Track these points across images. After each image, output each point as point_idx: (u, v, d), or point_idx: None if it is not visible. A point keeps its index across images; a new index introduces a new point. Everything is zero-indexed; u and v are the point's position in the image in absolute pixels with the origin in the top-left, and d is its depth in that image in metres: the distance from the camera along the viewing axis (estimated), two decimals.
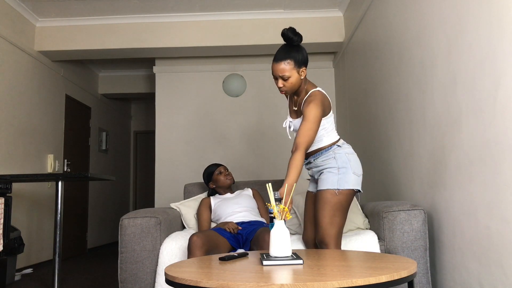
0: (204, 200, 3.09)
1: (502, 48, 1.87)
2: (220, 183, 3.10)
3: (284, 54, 2.28)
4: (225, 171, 3.14)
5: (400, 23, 3.11)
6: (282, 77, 2.26)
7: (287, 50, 2.32)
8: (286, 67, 2.25)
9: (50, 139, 5.33)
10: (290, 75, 2.26)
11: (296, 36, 2.34)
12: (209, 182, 3.16)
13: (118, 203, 7.89)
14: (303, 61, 2.29)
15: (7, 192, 3.07)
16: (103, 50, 5.03)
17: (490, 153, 1.98)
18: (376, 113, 3.77)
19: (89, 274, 4.46)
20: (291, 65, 2.25)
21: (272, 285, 1.29)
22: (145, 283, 2.53)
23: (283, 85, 2.29)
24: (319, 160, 2.38)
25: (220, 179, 3.11)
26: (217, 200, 3.07)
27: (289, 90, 2.31)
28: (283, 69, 2.25)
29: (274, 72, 2.29)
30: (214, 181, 3.12)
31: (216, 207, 3.01)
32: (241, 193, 3.13)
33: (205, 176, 3.17)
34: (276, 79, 2.31)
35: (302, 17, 4.96)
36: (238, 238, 2.69)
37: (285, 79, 2.27)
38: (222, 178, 3.10)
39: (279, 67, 2.26)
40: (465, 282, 2.24)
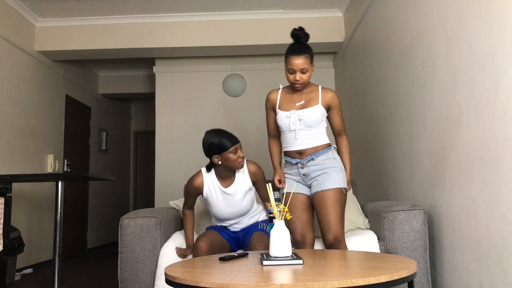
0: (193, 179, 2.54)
1: (502, 48, 1.87)
2: (230, 164, 2.46)
3: (303, 49, 2.38)
4: (240, 151, 2.48)
5: (400, 23, 3.11)
6: (302, 70, 2.36)
7: (304, 46, 2.42)
8: (306, 61, 2.35)
9: (50, 139, 5.33)
10: (308, 69, 2.37)
11: (306, 35, 2.47)
12: (216, 155, 2.45)
13: (118, 203, 7.89)
14: (313, 58, 2.44)
15: (7, 192, 3.07)
16: (103, 50, 5.03)
17: (490, 153, 1.98)
18: (376, 113, 3.77)
19: (89, 274, 4.46)
20: (308, 59, 2.37)
21: (272, 285, 1.29)
22: (145, 283, 2.53)
23: (301, 78, 2.37)
24: (319, 158, 2.41)
25: (231, 159, 2.45)
26: (211, 189, 2.54)
27: (304, 83, 2.41)
28: (303, 63, 2.35)
29: (293, 65, 2.36)
30: (223, 158, 2.45)
31: (209, 200, 2.56)
32: (238, 188, 2.55)
33: (214, 146, 2.44)
34: (293, 73, 2.38)
35: (302, 17, 4.95)
36: (236, 239, 2.63)
37: (304, 72, 2.37)
38: (234, 158, 2.45)
39: (300, 60, 2.35)
40: (465, 282, 2.24)
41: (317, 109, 2.42)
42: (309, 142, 2.42)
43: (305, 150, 2.42)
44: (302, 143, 2.42)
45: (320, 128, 2.45)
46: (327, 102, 2.45)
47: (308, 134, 2.42)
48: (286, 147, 2.51)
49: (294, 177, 2.51)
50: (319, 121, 2.43)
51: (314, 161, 2.41)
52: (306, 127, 2.41)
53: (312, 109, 2.41)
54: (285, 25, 4.98)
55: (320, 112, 2.43)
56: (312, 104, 2.43)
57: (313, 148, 2.42)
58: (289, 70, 2.39)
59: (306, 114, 2.40)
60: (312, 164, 2.42)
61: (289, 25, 4.97)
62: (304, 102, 2.44)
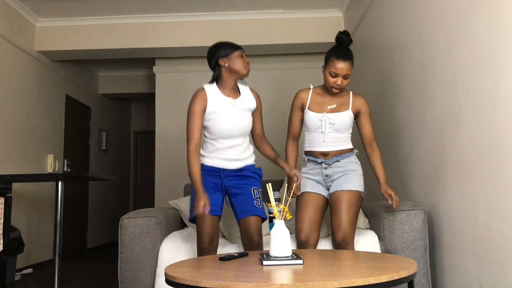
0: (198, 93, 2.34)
1: (502, 48, 1.87)
2: (237, 67, 2.33)
3: (349, 55, 2.40)
4: (245, 59, 2.39)
5: (400, 23, 3.11)
6: (345, 76, 2.38)
7: (349, 51, 2.42)
8: (350, 68, 2.38)
9: (50, 139, 5.33)
10: (350, 75, 2.41)
11: (349, 40, 2.49)
12: (223, 58, 2.33)
13: (118, 203, 7.88)
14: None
15: (7, 192, 3.07)
16: (103, 50, 5.03)
17: (490, 153, 1.98)
18: (376, 113, 3.77)
19: (89, 274, 4.46)
20: (351, 66, 2.39)
21: (272, 285, 1.29)
22: (145, 283, 2.53)
23: (342, 84, 2.39)
24: (343, 161, 2.46)
25: (239, 62, 2.33)
26: (215, 100, 2.35)
27: (342, 88, 2.44)
28: (348, 69, 2.37)
29: (338, 70, 2.36)
30: (230, 60, 2.33)
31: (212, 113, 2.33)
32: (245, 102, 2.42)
33: (222, 48, 2.35)
34: (335, 77, 2.38)
35: (302, 17, 4.96)
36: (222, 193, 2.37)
37: (346, 78, 2.39)
38: (242, 62, 2.34)
39: (347, 66, 2.36)
40: (465, 282, 2.24)
41: (347, 114, 2.46)
42: (336, 145, 2.45)
43: (331, 152, 2.45)
44: (330, 145, 2.45)
45: (347, 134, 2.50)
46: (357, 107, 2.48)
47: (336, 137, 2.46)
48: (311, 147, 2.51)
49: (314, 177, 2.50)
50: (348, 126, 2.48)
51: (339, 162, 2.45)
52: (335, 131, 2.45)
53: (343, 114, 2.45)
54: (285, 25, 4.99)
55: (349, 118, 2.47)
56: (343, 109, 2.46)
57: (339, 151, 2.46)
58: (331, 74, 2.38)
59: (337, 119, 2.43)
60: (337, 166, 2.45)
61: (289, 25, 5.01)
62: (335, 106, 2.46)
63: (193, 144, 2.28)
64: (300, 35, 4.95)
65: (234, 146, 2.37)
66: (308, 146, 2.53)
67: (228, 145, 2.35)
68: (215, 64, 2.38)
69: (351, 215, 2.34)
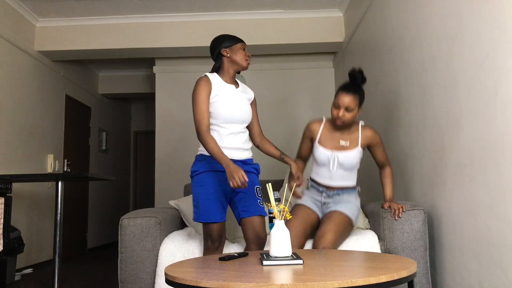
0: (201, 80, 2.34)
1: (502, 48, 1.87)
2: (238, 58, 2.37)
3: (354, 89, 2.44)
4: (247, 52, 2.44)
5: (400, 23, 3.11)
6: (347, 108, 2.41)
7: (357, 86, 2.48)
8: (353, 100, 2.40)
9: (50, 139, 5.33)
10: (353, 108, 2.42)
11: (362, 79, 2.52)
12: (225, 48, 2.38)
13: (118, 203, 7.88)
14: (363, 102, 2.49)
15: (7, 192, 3.07)
16: (103, 50, 5.03)
17: (490, 153, 1.98)
18: (376, 113, 3.77)
19: (89, 274, 4.46)
20: (356, 100, 2.42)
21: (272, 285, 1.29)
22: (145, 283, 2.53)
23: (343, 115, 2.42)
24: (344, 195, 2.55)
25: (241, 54, 2.38)
26: (218, 86, 2.36)
27: (346, 122, 2.45)
28: (350, 101, 2.40)
29: (340, 101, 2.42)
30: (232, 51, 2.38)
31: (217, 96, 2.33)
32: (244, 92, 2.46)
33: (225, 38, 2.41)
34: (337, 108, 2.43)
35: (302, 17, 4.96)
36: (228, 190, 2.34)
37: (349, 111, 2.42)
38: (243, 54, 2.39)
39: (347, 98, 2.40)
40: (465, 282, 2.24)
41: (356, 152, 2.51)
42: (341, 181, 2.54)
43: (335, 186, 2.55)
44: (335, 181, 2.53)
45: (354, 171, 2.57)
46: (367, 141, 2.54)
47: (343, 174, 2.54)
48: (316, 177, 2.59)
49: (313, 197, 2.60)
50: (356, 164, 2.54)
51: (339, 196, 2.54)
52: (342, 169, 2.52)
53: (352, 152, 2.50)
54: (285, 25, 4.99)
55: (358, 154, 2.52)
56: (352, 147, 2.51)
57: (342, 187, 2.55)
58: (335, 105, 2.45)
59: (346, 158, 2.49)
60: (336, 197, 2.55)
61: (289, 25, 5.01)
62: (344, 144, 2.51)
63: (204, 125, 2.27)
64: (300, 35, 4.95)
65: (238, 133, 2.36)
66: (314, 175, 2.62)
67: (232, 131, 2.34)
68: (218, 54, 2.41)
69: (336, 232, 2.36)
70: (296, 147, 2.74)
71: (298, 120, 5.59)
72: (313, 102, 5.61)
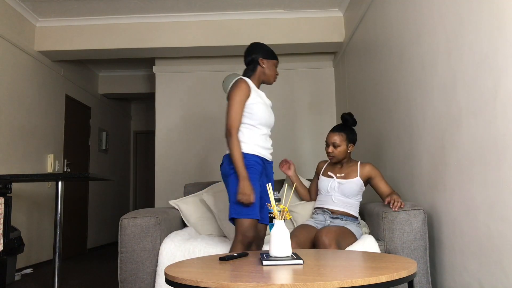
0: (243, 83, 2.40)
1: (502, 48, 1.87)
2: (270, 73, 2.52)
3: (340, 128, 2.78)
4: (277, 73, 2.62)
5: (400, 23, 3.11)
6: (333, 144, 2.75)
7: (344, 127, 2.80)
8: (339, 138, 2.74)
9: (50, 139, 5.34)
10: (340, 145, 2.74)
11: (353, 121, 2.85)
12: (264, 59, 2.50)
13: (118, 203, 7.88)
14: (353, 140, 2.79)
15: (7, 192, 3.07)
16: (103, 50, 5.03)
17: (490, 153, 1.98)
18: (376, 113, 3.77)
19: (89, 274, 4.47)
20: (342, 137, 2.74)
21: (272, 285, 1.29)
22: (145, 283, 2.53)
23: (332, 151, 2.75)
24: (346, 221, 2.66)
25: (273, 70, 2.54)
26: (255, 90, 2.47)
27: (337, 156, 2.76)
28: (336, 139, 2.74)
29: (328, 138, 2.78)
30: (268, 64, 2.52)
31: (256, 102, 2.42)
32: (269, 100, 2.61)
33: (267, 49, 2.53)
34: (327, 146, 2.78)
35: (302, 17, 4.96)
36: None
37: (335, 147, 2.74)
38: (275, 70, 2.56)
39: (334, 136, 2.76)
40: (465, 282, 2.24)
41: (356, 180, 2.73)
42: (343, 207, 2.70)
43: (338, 210, 2.70)
44: (337, 205, 2.71)
45: (355, 201, 2.74)
46: (366, 174, 2.74)
47: (343, 201, 2.72)
48: (320, 204, 2.78)
49: (317, 220, 2.74)
50: (355, 193, 2.73)
51: (342, 221, 2.66)
52: (342, 195, 2.71)
53: (351, 180, 2.73)
54: (285, 25, 5.00)
55: (357, 184, 2.73)
56: (352, 176, 2.75)
57: (345, 212, 2.70)
58: (326, 143, 2.80)
59: (345, 184, 2.71)
60: (339, 221, 2.66)
61: (289, 25, 5.01)
62: (344, 175, 2.77)
63: (237, 127, 2.35)
64: (300, 35, 4.95)
65: (268, 135, 2.51)
66: (318, 203, 2.81)
67: (265, 133, 2.46)
68: (253, 61, 2.53)
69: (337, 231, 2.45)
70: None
71: (298, 119, 5.60)
72: (313, 102, 5.62)
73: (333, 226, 2.54)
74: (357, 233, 2.60)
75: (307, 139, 5.48)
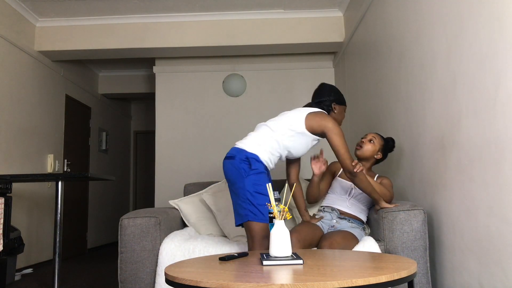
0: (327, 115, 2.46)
1: (502, 48, 1.87)
2: (339, 118, 2.61)
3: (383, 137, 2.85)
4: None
5: (400, 23, 3.11)
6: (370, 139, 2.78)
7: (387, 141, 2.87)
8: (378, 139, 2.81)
9: (50, 139, 5.33)
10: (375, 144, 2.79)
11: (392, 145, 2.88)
12: (337, 104, 2.58)
13: (118, 203, 7.89)
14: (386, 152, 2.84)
15: (7, 192, 3.07)
16: (103, 50, 5.03)
17: (490, 153, 1.98)
18: (376, 113, 3.77)
19: (89, 274, 4.47)
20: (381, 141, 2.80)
21: (272, 285, 1.29)
22: (145, 283, 2.53)
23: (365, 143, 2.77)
24: (352, 224, 2.65)
25: (342, 116, 2.63)
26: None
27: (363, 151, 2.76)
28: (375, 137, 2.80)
29: (367, 134, 2.82)
30: (340, 109, 2.60)
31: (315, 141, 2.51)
32: None
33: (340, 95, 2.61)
34: (362, 139, 2.81)
35: (302, 17, 4.96)
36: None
37: (370, 141, 2.76)
38: (343, 116, 2.65)
39: (375, 135, 2.80)
40: (465, 282, 2.24)
41: None
42: (354, 210, 2.69)
43: (347, 213, 2.68)
44: (351, 209, 2.69)
45: (367, 207, 2.73)
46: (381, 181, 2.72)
47: (357, 206, 2.70)
48: (332, 203, 2.74)
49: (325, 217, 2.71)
50: (369, 202, 2.72)
51: (348, 222, 2.64)
52: (358, 202, 2.70)
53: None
54: (285, 25, 4.99)
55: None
56: None
57: (353, 215, 2.68)
58: (363, 137, 2.81)
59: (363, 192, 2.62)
60: (345, 223, 2.65)
61: (289, 25, 5.01)
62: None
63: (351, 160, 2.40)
64: (300, 35, 4.95)
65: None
66: (327, 203, 2.77)
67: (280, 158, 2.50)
68: (328, 103, 2.56)
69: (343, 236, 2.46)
70: None
71: None
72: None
73: (338, 236, 2.47)
74: (360, 238, 2.59)
75: None
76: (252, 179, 2.27)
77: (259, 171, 2.30)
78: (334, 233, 2.51)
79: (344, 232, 2.52)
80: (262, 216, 2.24)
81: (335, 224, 2.65)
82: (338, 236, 2.45)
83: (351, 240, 2.48)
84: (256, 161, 2.32)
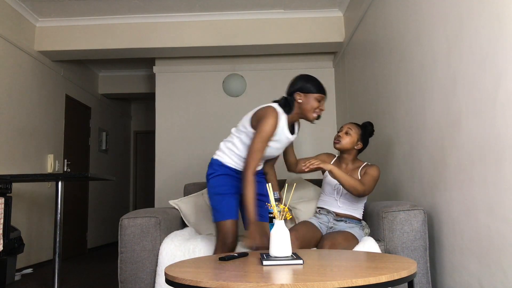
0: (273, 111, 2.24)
1: (502, 48, 1.87)
2: (306, 108, 2.27)
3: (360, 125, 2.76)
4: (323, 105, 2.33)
5: (400, 23, 3.11)
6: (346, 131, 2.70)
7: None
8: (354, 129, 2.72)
9: (50, 139, 5.33)
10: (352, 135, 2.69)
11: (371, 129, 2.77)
12: (300, 92, 2.27)
13: (118, 203, 7.88)
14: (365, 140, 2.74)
15: (7, 192, 3.07)
16: (103, 50, 5.03)
17: (490, 153, 1.98)
18: (376, 113, 3.77)
19: (89, 274, 4.46)
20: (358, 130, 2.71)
21: (272, 285, 1.29)
22: (145, 283, 2.53)
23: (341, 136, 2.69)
24: (350, 224, 2.63)
25: (311, 105, 2.27)
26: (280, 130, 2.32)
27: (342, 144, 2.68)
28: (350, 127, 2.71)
29: (343, 126, 2.74)
30: (305, 98, 2.27)
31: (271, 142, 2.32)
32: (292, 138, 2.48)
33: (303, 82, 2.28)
34: (339, 131, 2.74)
35: (302, 17, 4.96)
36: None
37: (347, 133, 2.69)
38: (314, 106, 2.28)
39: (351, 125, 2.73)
40: (465, 282, 2.24)
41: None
42: (347, 209, 2.66)
43: (341, 213, 2.66)
44: (343, 208, 2.66)
45: (359, 203, 2.69)
46: (362, 174, 2.64)
47: (348, 204, 2.67)
48: (324, 204, 2.73)
49: (320, 220, 2.69)
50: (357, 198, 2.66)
51: (346, 223, 2.63)
52: (347, 200, 2.66)
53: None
54: (285, 25, 4.99)
55: None
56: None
57: (349, 215, 2.66)
58: (339, 130, 2.75)
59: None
60: (342, 224, 2.64)
61: (289, 25, 5.01)
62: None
63: (256, 165, 2.26)
64: (300, 35, 4.95)
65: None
66: (321, 203, 2.75)
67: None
68: (291, 94, 2.32)
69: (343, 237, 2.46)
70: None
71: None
72: None
73: (340, 236, 2.47)
74: (359, 237, 2.59)
75: (307, 139, 5.47)
76: (210, 183, 2.44)
77: (217, 174, 2.43)
78: (335, 234, 2.51)
79: (345, 233, 2.52)
80: (218, 215, 2.39)
81: (333, 226, 2.65)
82: (340, 237, 2.45)
83: (352, 241, 2.48)
84: (216, 165, 2.46)
